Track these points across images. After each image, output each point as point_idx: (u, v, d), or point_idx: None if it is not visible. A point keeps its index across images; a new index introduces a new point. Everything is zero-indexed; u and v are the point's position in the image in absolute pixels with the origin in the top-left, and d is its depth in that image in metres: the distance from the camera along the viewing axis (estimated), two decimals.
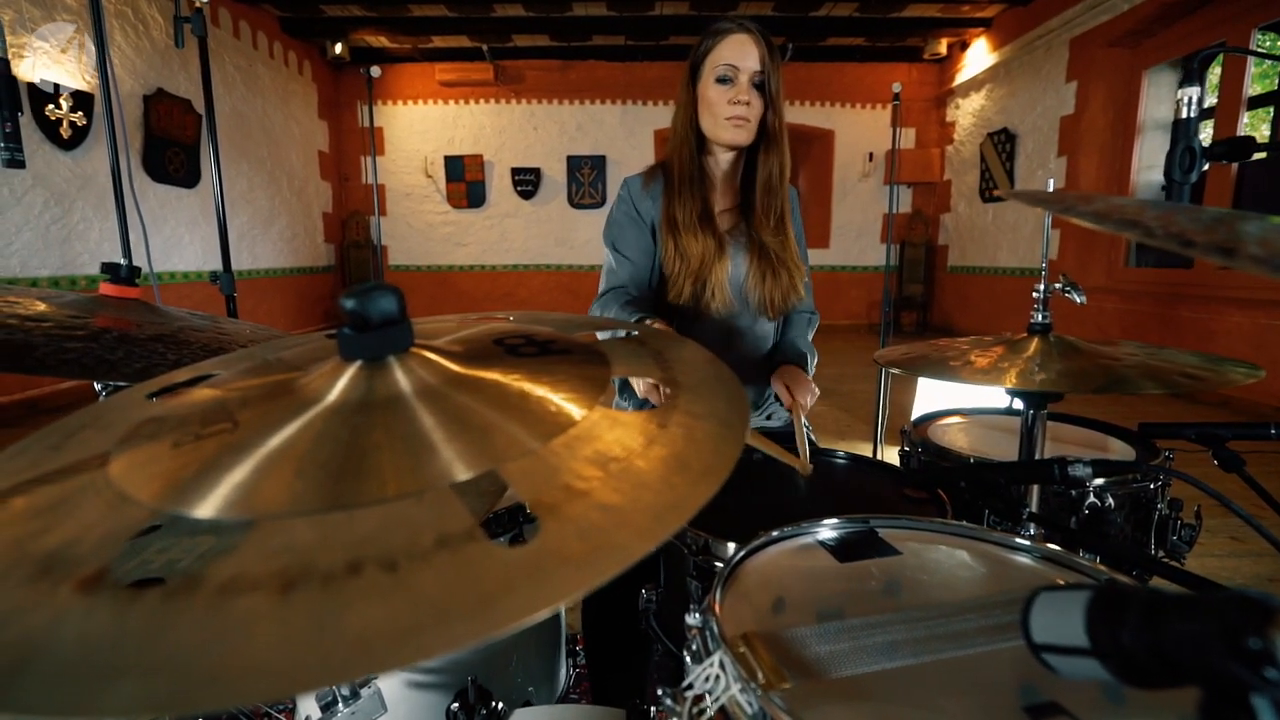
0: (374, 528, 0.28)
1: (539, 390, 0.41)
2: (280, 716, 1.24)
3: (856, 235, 7.82)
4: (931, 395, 2.48)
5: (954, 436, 1.28)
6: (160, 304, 1.04)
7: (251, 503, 0.32)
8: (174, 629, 0.23)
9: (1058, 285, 0.91)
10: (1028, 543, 0.59)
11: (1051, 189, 0.82)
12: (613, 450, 0.34)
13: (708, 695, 0.42)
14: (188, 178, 5.00)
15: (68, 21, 3.82)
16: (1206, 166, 0.78)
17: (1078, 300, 0.89)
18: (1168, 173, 0.79)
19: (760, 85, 1.21)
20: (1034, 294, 0.91)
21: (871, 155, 7.57)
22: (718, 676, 0.42)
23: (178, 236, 4.95)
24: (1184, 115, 0.78)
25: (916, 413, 1.49)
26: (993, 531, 0.62)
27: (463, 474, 0.33)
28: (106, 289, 0.87)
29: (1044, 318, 0.90)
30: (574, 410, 0.38)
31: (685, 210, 1.24)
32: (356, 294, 0.41)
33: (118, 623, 0.24)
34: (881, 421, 2.68)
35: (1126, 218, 0.40)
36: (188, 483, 0.33)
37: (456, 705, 0.77)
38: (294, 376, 0.43)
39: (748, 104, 1.19)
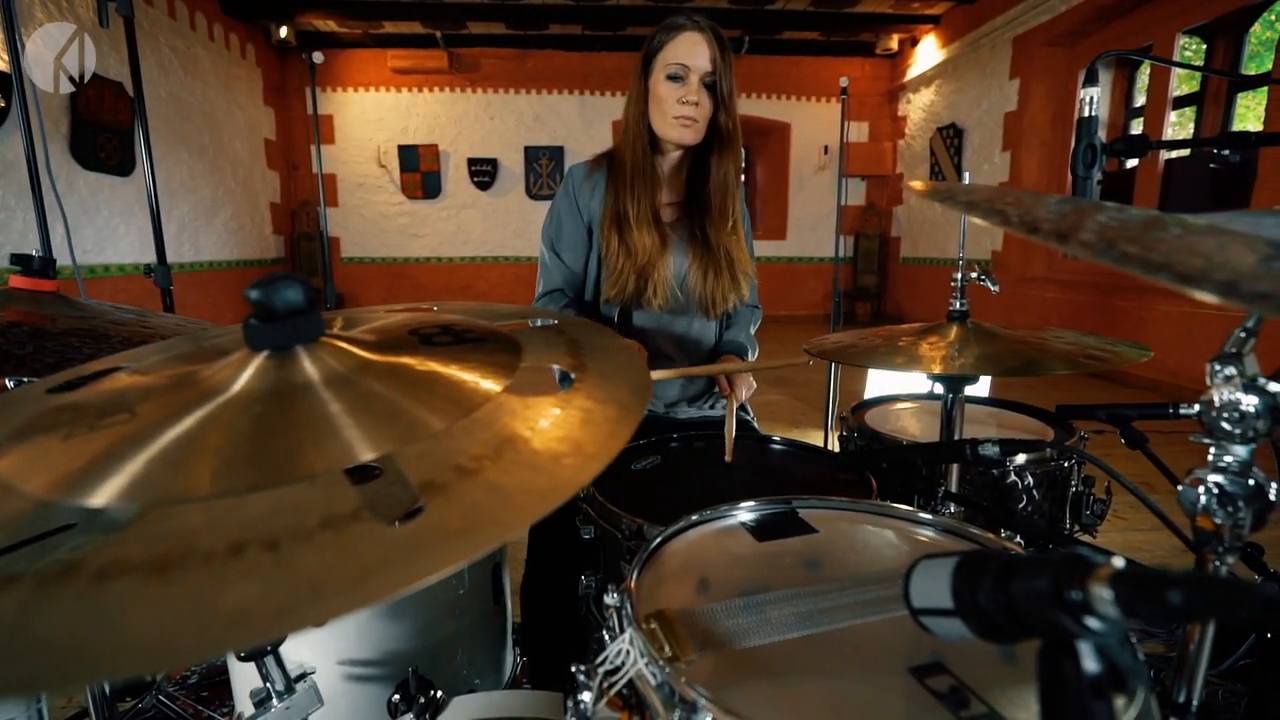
0: (263, 511, 0.29)
1: (447, 376, 0.41)
2: (219, 718, 1.22)
3: (813, 227, 7.96)
4: (883, 382, 2.55)
5: (902, 421, 1.33)
6: (85, 297, 1.00)
7: (143, 491, 0.32)
8: (44, 615, 0.24)
9: (974, 275, 0.96)
10: (929, 518, 0.63)
11: (968, 181, 0.86)
12: (509, 433, 0.35)
13: (620, 670, 0.44)
14: (121, 165, 4.75)
15: None
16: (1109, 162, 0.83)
17: (992, 289, 0.94)
18: (1072, 168, 0.84)
19: (711, 85, 1.19)
20: (951, 283, 0.95)
21: (827, 148, 7.70)
22: (627, 652, 0.44)
23: (112, 227, 4.71)
24: (1085, 114, 0.82)
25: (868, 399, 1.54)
26: (901, 508, 0.66)
27: (362, 458, 0.34)
28: (17, 282, 0.84)
29: (962, 305, 0.95)
30: (479, 395, 0.39)
31: (639, 205, 1.23)
32: (261, 285, 0.41)
33: None
34: (832, 409, 2.75)
35: (993, 207, 0.43)
36: (77, 474, 0.33)
37: (398, 696, 0.77)
38: (199, 368, 0.43)
39: (697, 104, 1.18)
